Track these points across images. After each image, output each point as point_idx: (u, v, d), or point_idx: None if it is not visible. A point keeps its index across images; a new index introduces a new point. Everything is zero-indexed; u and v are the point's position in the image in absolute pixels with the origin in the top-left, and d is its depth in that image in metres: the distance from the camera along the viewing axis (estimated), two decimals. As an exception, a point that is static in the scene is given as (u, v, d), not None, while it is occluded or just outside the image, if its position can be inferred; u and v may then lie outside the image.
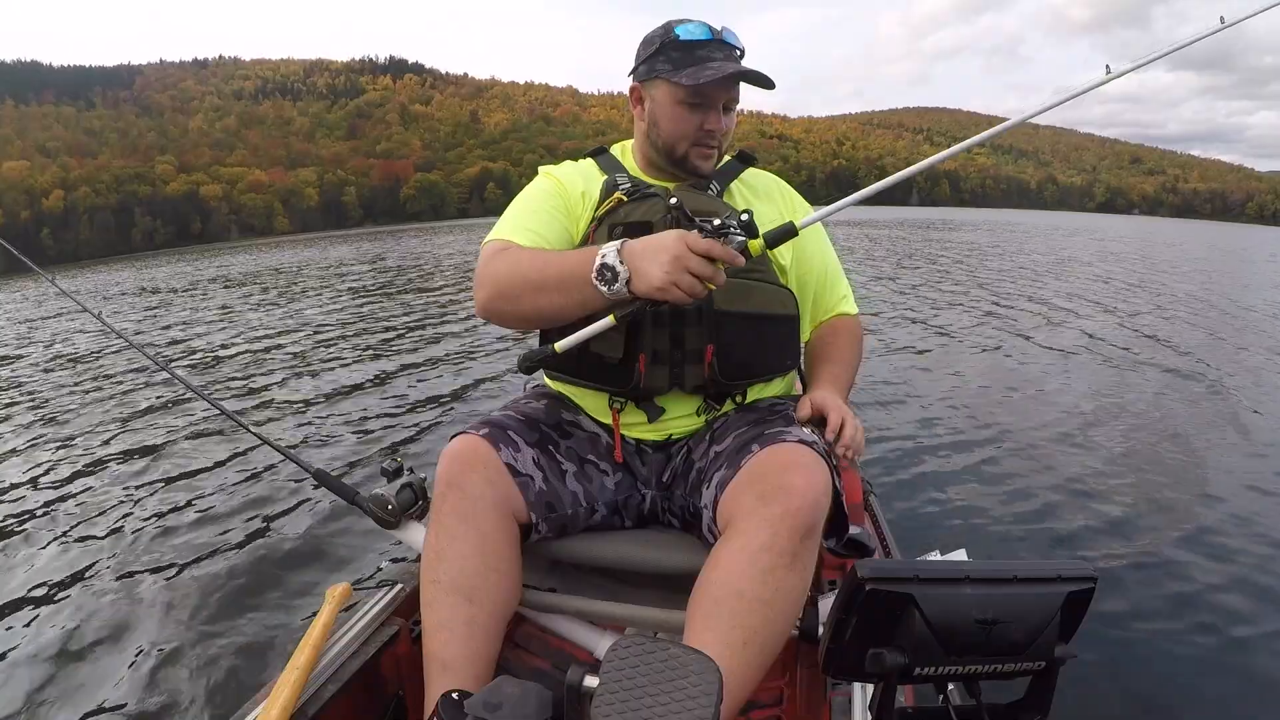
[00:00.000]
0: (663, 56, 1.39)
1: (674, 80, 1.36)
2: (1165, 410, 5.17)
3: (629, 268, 1.17)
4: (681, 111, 1.39)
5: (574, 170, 1.52)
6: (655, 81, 1.42)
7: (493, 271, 1.31)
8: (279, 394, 6.10)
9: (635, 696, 0.83)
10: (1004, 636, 0.81)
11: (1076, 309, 9.81)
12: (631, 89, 1.48)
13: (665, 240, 1.16)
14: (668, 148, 1.44)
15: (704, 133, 1.40)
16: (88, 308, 2.35)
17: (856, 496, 1.94)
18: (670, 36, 1.39)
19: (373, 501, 1.52)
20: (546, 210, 1.43)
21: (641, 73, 1.44)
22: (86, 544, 3.42)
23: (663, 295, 1.15)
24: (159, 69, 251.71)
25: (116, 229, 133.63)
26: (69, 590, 3.02)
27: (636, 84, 1.47)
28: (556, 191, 1.46)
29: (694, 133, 1.40)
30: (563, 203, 1.45)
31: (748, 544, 1.12)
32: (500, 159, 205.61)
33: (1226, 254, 24.42)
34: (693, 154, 1.42)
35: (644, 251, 1.17)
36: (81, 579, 3.10)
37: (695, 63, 1.35)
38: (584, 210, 1.45)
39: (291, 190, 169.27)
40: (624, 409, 1.43)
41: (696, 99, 1.38)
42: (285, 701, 1.16)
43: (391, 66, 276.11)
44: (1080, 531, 3.25)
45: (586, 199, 1.45)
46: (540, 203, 1.45)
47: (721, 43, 1.38)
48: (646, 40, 1.45)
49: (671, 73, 1.37)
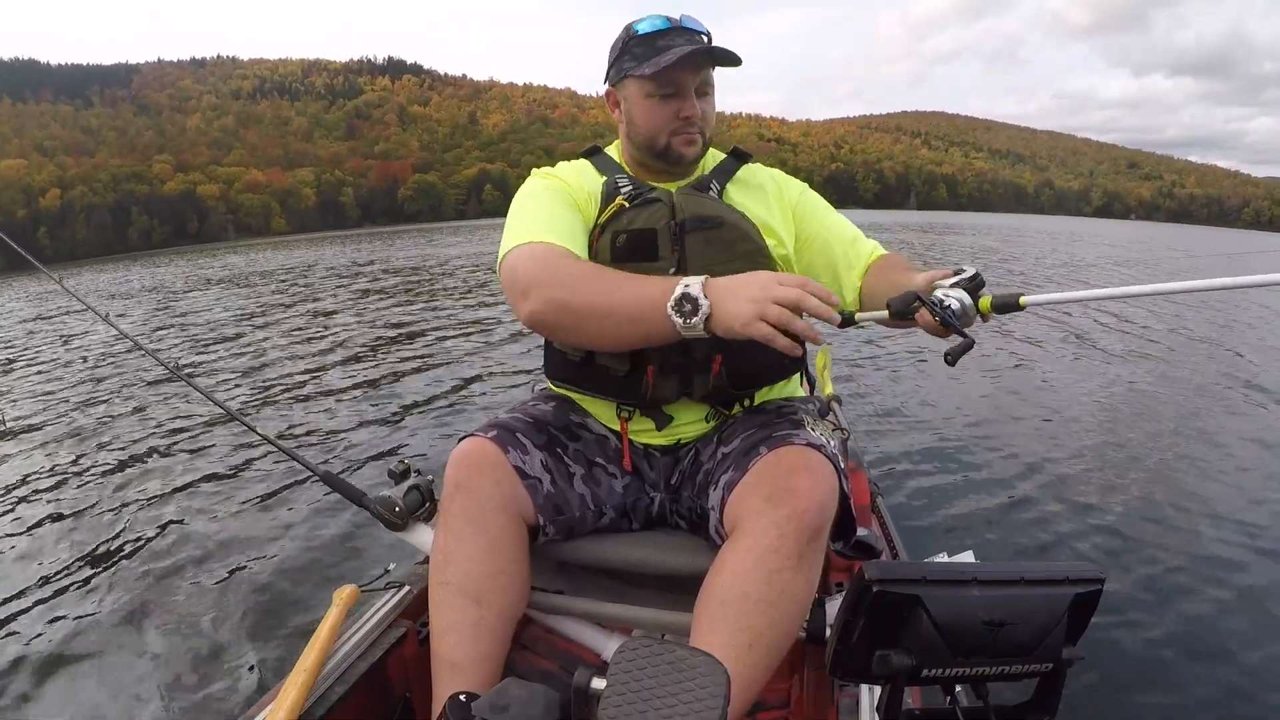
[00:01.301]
0: (627, 55, 1.39)
1: (638, 74, 1.36)
2: (1176, 415, 5.19)
3: (711, 302, 1.12)
4: (653, 104, 1.38)
5: (572, 171, 1.50)
6: (625, 81, 1.41)
7: (550, 280, 1.23)
8: (285, 396, 6.09)
9: (642, 699, 0.83)
10: (1011, 638, 0.81)
11: (1087, 314, 9.82)
12: (607, 94, 1.48)
13: (756, 277, 1.12)
14: (648, 142, 1.42)
15: (680, 120, 1.38)
16: (96, 310, 2.34)
17: (864, 498, 1.96)
18: (631, 34, 1.39)
19: (380, 504, 1.52)
20: (568, 209, 1.40)
21: (612, 76, 1.44)
22: (92, 545, 3.42)
23: (746, 331, 1.08)
24: (157, 68, 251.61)
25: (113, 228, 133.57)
26: (74, 592, 3.01)
27: (611, 88, 1.47)
28: (565, 190, 1.43)
29: (670, 122, 1.38)
30: (574, 201, 1.42)
31: (755, 546, 1.12)
32: (498, 160, 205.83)
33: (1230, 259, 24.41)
34: (674, 142, 1.40)
35: (730, 286, 1.12)
36: (87, 580, 3.10)
37: (656, 53, 1.34)
38: (591, 211, 1.42)
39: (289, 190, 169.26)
40: (632, 417, 1.43)
41: (666, 88, 1.36)
42: (293, 703, 1.16)
43: (390, 67, 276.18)
44: (1087, 533, 3.26)
45: (591, 200, 1.43)
46: (557, 202, 1.40)
47: (681, 29, 1.37)
48: (612, 46, 1.44)
49: (635, 67, 1.36)
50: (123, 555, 3.30)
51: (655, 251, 1.36)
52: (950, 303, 1.10)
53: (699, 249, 1.35)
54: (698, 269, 1.26)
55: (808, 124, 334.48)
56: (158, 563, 3.19)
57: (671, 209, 1.37)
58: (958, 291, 1.11)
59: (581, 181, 1.46)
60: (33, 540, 3.56)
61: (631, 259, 1.35)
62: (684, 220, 1.36)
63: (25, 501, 4.08)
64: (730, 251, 1.36)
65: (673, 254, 1.36)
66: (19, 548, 3.49)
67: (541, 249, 1.28)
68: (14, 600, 2.99)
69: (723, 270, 1.24)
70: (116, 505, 3.89)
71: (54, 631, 2.73)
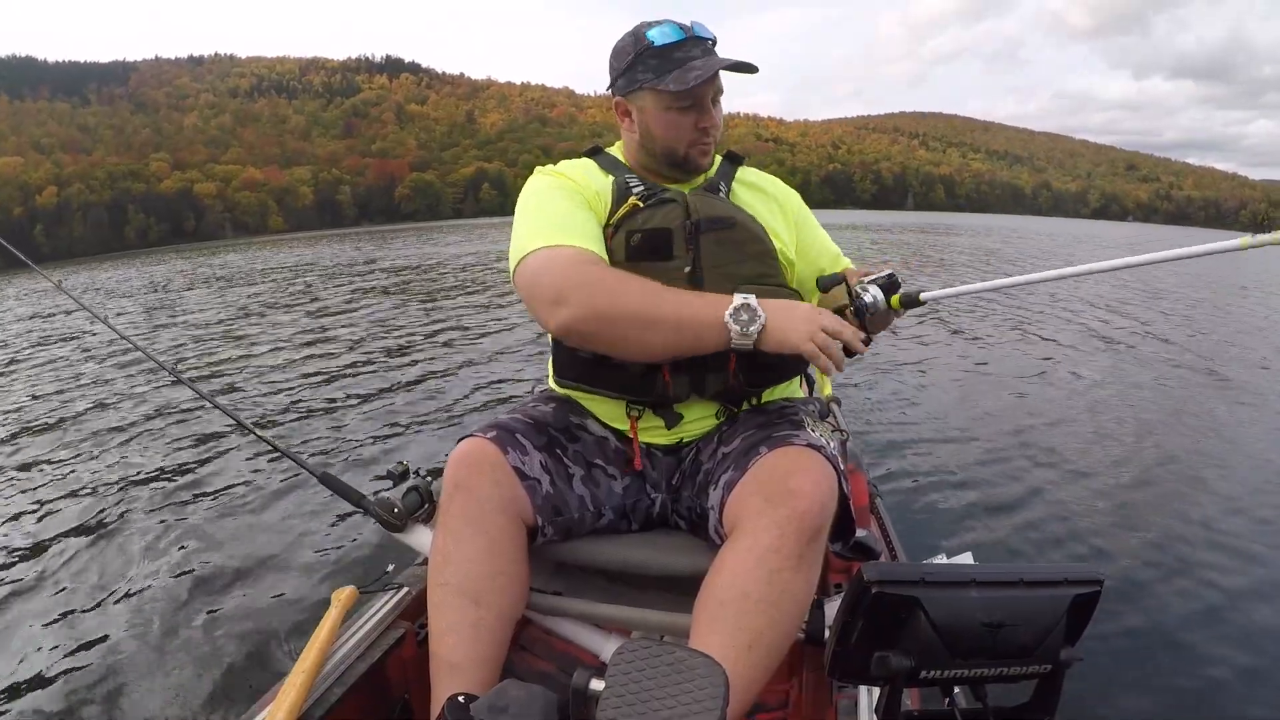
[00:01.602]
0: (641, 66, 1.38)
1: (660, 88, 1.35)
2: (1174, 414, 5.21)
3: (767, 315, 1.21)
4: (674, 116, 1.38)
5: (578, 170, 1.48)
6: (640, 92, 1.40)
7: (586, 288, 1.23)
8: (283, 397, 6.07)
9: (641, 700, 0.83)
10: (1010, 639, 0.81)
11: (1084, 313, 9.84)
12: (616, 103, 1.46)
13: (804, 308, 1.24)
14: (667, 153, 1.43)
15: (699, 131, 1.40)
16: (94, 311, 2.34)
17: (863, 499, 1.96)
18: (644, 44, 1.37)
19: (379, 505, 1.52)
20: (581, 208, 1.38)
21: (622, 86, 1.42)
22: (89, 545, 3.41)
23: (799, 347, 1.20)
24: (154, 65, 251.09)
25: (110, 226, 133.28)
26: (68, 592, 3.01)
27: (620, 97, 1.45)
28: (575, 189, 1.42)
29: (690, 134, 1.40)
30: (585, 200, 1.41)
31: (754, 546, 1.12)
32: (496, 159, 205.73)
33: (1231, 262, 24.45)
34: (693, 153, 1.42)
35: (782, 308, 1.23)
36: (84, 580, 3.10)
37: (675, 65, 1.34)
38: (601, 210, 1.42)
39: (286, 189, 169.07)
40: (642, 416, 1.43)
41: (686, 100, 1.37)
42: (291, 704, 1.16)
43: (388, 65, 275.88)
44: (1086, 535, 3.27)
45: (601, 199, 1.43)
46: (572, 201, 1.39)
47: (696, 39, 1.37)
48: (618, 51, 1.43)
49: (655, 80, 1.35)
50: (119, 556, 3.29)
51: (670, 251, 1.37)
52: (865, 296, 1.28)
53: (712, 249, 1.37)
54: (711, 268, 1.35)
55: (805, 124, 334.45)
56: (155, 563, 3.19)
57: (686, 209, 1.38)
58: (874, 288, 1.29)
59: (589, 180, 1.45)
60: (27, 539, 3.55)
61: (646, 258, 1.36)
62: (699, 220, 1.37)
63: (17, 500, 4.07)
64: (742, 252, 1.38)
65: (687, 253, 1.37)
66: (13, 546, 3.48)
67: (568, 254, 1.28)
68: (9, 598, 2.99)
69: (735, 270, 1.34)
70: (112, 505, 3.88)
71: (47, 632, 2.72)
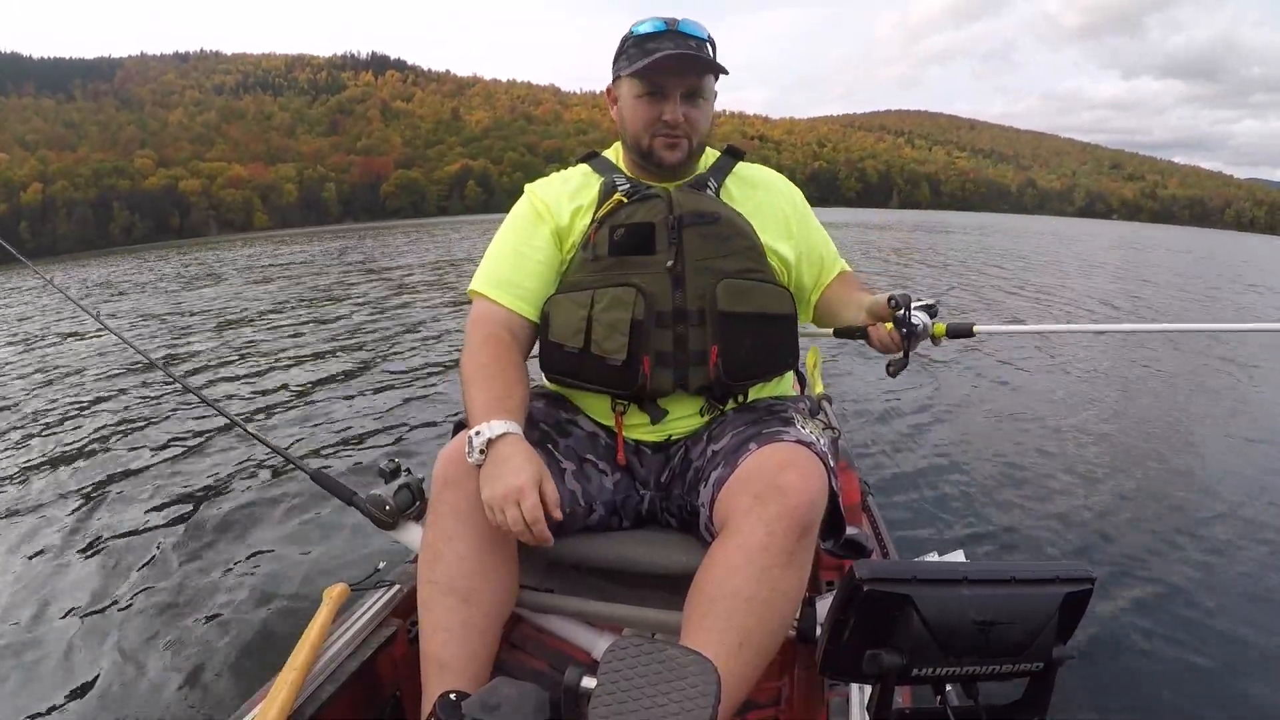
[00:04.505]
0: (624, 56, 1.42)
1: (627, 74, 1.39)
2: (1165, 413, 5.25)
3: (487, 458, 1.20)
4: (640, 104, 1.40)
5: (562, 187, 1.51)
6: (619, 81, 1.44)
7: (465, 351, 1.39)
8: (274, 394, 6.05)
9: (633, 697, 0.83)
10: (1002, 637, 0.81)
11: (1075, 312, 9.90)
12: (607, 91, 1.51)
13: (515, 477, 1.16)
14: (634, 142, 1.44)
15: (662, 123, 1.40)
16: (84, 306, 2.33)
17: (854, 497, 1.96)
18: (629, 35, 1.42)
19: (370, 502, 1.52)
20: (530, 252, 1.46)
21: (612, 75, 1.47)
22: (79, 544, 3.39)
23: (485, 507, 1.17)
24: (140, 62, 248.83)
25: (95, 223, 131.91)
26: (60, 589, 2.99)
27: (610, 86, 1.49)
28: (538, 220, 1.47)
29: (653, 124, 1.40)
30: (547, 230, 1.46)
31: (744, 543, 1.12)
32: (481, 157, 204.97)
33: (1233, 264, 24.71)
34: (656, 145, 1.41)
35: (502, 461, 1.18)
36: (75, 579, 3.07)
37: (645, 55, 1.36)
38: (578, 221, 1.45)
39: (271, 186, 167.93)
40: (627, 411, 1.44)
41: (651, 89, 1.38)
42: (283, 702, 1.16)
43: (373, 63, 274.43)
44: (1077, 533, 3.29)
45: (579, 213, 1.46)
46: (524, 243, 1.47)
47: (675, 33, 1.38)
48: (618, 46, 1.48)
49: (627, 68, 1.39)
50: (110, 553, 3.27)
51: (652, 245, 1.38)
52: (916, 320, 1.32)
53: (695, 244, 1.38)
54: (694, 262, 1.36)
55: (791, 122, 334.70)
56: (145, 560, 3.17)
57: (669, 204, 1.39)
58: (922, 313, 1.35)
59: (566, 199, 1.48)
60: (20, 537, 3.52)
61: (629, 252, 1.38)
62: (681, 215, 1.38)
63: (8, 496, 4.05)
64: (726, 246, 1.39)
65: (670, 247, 1.38)
66: (6, 544, 3.45)
67: (483, 332, 1.41)
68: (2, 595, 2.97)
69: (718, 265, 1.36)
70: (104, 502, 3.86)
71: (40, 629, 2.71)
